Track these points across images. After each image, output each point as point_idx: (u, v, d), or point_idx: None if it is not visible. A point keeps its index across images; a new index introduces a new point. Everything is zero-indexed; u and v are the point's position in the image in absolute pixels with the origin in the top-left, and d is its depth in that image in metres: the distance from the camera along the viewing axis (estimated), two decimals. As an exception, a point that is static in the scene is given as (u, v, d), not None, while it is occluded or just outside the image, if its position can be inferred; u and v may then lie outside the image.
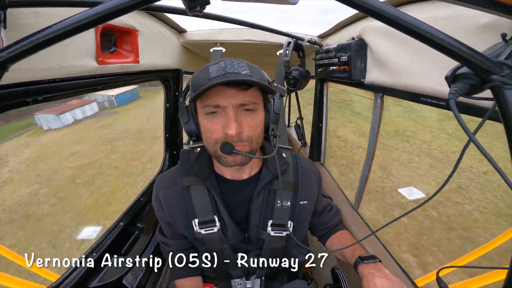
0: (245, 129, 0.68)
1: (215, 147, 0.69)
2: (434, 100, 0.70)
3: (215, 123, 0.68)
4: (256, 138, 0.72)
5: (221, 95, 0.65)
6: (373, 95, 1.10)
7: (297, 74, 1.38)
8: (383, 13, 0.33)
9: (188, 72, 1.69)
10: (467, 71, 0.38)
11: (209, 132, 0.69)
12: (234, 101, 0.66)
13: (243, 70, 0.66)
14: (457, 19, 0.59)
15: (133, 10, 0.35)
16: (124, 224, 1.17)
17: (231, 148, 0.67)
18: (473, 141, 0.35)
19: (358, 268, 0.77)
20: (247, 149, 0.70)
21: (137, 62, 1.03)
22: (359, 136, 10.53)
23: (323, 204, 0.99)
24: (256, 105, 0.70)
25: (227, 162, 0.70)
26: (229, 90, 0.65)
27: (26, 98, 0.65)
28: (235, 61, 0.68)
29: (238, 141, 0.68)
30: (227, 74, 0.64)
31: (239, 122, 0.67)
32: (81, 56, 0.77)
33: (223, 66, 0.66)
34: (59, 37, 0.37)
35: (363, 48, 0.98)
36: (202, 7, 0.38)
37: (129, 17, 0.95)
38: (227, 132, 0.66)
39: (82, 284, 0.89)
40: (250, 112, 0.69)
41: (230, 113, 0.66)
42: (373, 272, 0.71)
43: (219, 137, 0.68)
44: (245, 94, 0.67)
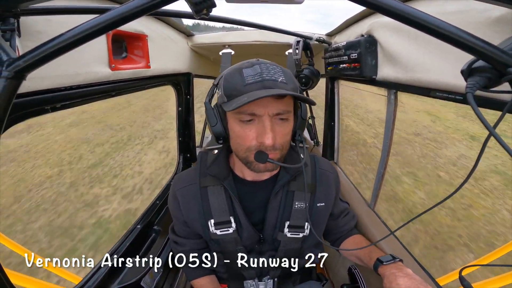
0: (278, 137, 0.68)
1: (247, 153, 0.69)
2: (451, 95, 0.67)
3: (249, 130, 0.67)
4: (286, 145, 0.72)
5: (257, 104, 0.64)
6: (385, 92, 1.07)
7: (308, 72, 1.37)
8: (394, 10, 0.33)
9: (198, 76, 1.71)
10: (483, 64, 0.37)
11: (241, 138, 0.68)
12: (271, 110, 0.65)
13: (279, 77, 0.65)
14: (467, 13, 0.57)
15: (141, 15, 0.36)
16: (141, 227, 1.20)
17: (266, 157, 0.66)
18: (493, 135, 0.34)
19: (378, 270, 0.75)
20: (278, 156, 0.70)
21: (149, 67, 1.05)
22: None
23: (340, 208, 0.97)
24: (289, 114, 0.70)
25: (258, 168, 0.70)
26: (266, 98, 0.63)
27: (45, 106, 0.67)
28: (270, 66, 0.67)
29: (272, 149, 0.67)
30: (264, 81, 0.63)
31: (274, 131, 0.66)
32: (95, 63, 0.79)
33: (259, 71, 0.65)
34: (73, 44, 0.38)
35: (373, 45, 0.96)
36: (208, 10, 0.38)
37: (138, 23, 0.97)
38: (263, 142, 0.65)
39: (103, 286, 0.91)
40: (283, 121, 0.69)
41: (266, 122, 0.65)
42: (395, 272, 0.69)
43: (252, 145, 0.67)
44: (281, 103, 0.66)
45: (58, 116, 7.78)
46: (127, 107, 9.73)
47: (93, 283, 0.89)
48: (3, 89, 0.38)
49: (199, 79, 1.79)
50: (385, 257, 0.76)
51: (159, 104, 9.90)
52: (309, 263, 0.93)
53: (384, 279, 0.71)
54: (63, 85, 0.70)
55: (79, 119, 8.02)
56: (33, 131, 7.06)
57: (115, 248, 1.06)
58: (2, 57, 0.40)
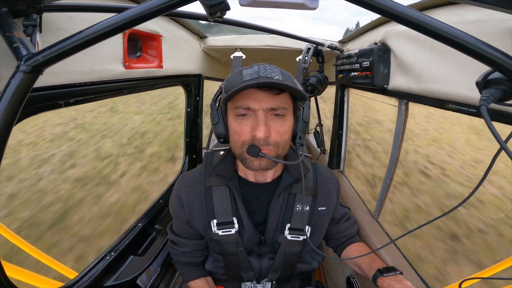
0: (273, 133, 0.68)
1: (242, 149, 0.70)
2: (464, 107, 0.66)
3: (244, 125, 0.69)
4: (283, 144, 0.71)
5: (253, 98, 0.66)
6: (396, 102, 1.06)
7: (314, 81, 1.38)
8: (410, 19, 0.33)
9: (208, 78, 1.72)
10: (500, 76, 0.36)
11: (237, 134, 0.70)
12: (265, 104, 0.67)
13: (276, 75, 0.66)
14: (487, 23, 0.56)
15: (158, 15, 0.37)
16: (142, 225, 1.20)
17: (258, 150, 0.67)
18: (504, 149, 0.33)
19: (377, 281, 0.75)
20: (273, 154, 0.70)
21: (161, 67, 1.06)
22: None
23: (340, 212, 0.97)
24: (286, 111, 0.70)
25: (252, 166, 0.70)
26: (261, 93, 0.66)
27: (59, 100, 0.69)
28: (269, 66, 0.69)
29: (265, 144, 0.68)
30: (260, 78, 0.65)
31: (268, 126, 0.67)
32: (110, 61, 0.81)
33: (256, 70, 0.68)
34: (90, 42, 0.39)
35: (387, 53, 0.95)
36: (222, 13, 0.39)
37: (154, 23, 0.99)
38: (255, 135, 0.66)
39: (99, 283, 0.92)
40: (279, 118, 0.69)
41: (259, 116, 0.67)
42: (394, 284, 0.69)
43: (247, 139, 0.69)
44: (276, 99, 0.67)
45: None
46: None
47: (88, 278, 0.89)
48: (20, 83, 0.39)
49: (210, 81, 1.81)
50: (386, 269, 0.76)
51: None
52: (308, 268, 0.92)
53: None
54: (77, 81, 0.71)
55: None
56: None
57: (114, 245, 1.06)
58: (21, 52, 0.42)
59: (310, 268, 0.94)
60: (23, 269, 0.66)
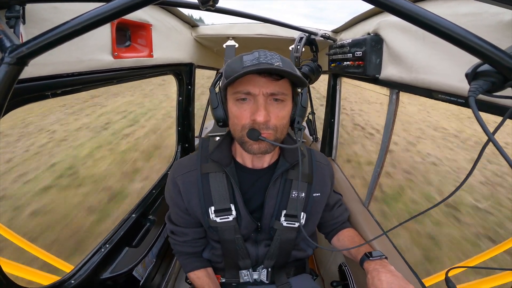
0: (272, 118, 0.70)
1: (242, 133, 0.71)
2: (453, 98, 0.68)
3: (244, 110, 0.70)
4: (282, 128, 0.73)
5: (253, 83, 0.68)
6: (388, 91, 1.07)
7: (307, 70, 1.37)
8: (403, 10, 0.33)
9: (200, 66, 1.69)
10: (489, 68, 0.37)
11: (237, 118, 0.71)
12: (265, 89, 0.68)
13: (276, 62, 0.68)
14: (479, 16, 0.57)
15: (147, 4, 0.36)
16: (136, 216, 1.20)
17: (258, 134, 0.69)
18: (492, 141, 0.34)
19: (364, 265, 0.78)
20: (272, 138, 0.71)
21: (151, 56, 1.04)
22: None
23: (334, 199, 0.99)
24: (285, 96, 0.71)
25: (252, 149, 0.72)
26: (261, 79, 0.67)
27: (45, 91, 0.67)
28: (269, 53, 0.70)
29: (265, 128, 0.69)
30: (260, 64, 0.66)
31: (268, 110, 0.69)
32: (98, 51, 0.79)
33: (257, 56, 0.69)
34: (77, 32, 0.38)
35: (379, 44, 0.95)
36: (214, 2, 0.38)
37: (143, 12, 0.96)
38: (255, 119, 0.68)
39: (95, 275, 0.92)
40: (278, 103, 0.71)
41: (260, 101, 0.68)
42: (378, 268, 0.72)
43: (247, 123, 0.70)
44: (276, 85, 0.69)
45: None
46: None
47: (84, 271, 0.89)
48: (4, 75, 0.38)
49: (202, 69, 1.78)
50: (373, 253, 0.79)
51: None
52: (303, 255, 0.95)
53: (367, 274, 0.74)
54: (65, 72, 0.69)
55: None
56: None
57: (109, 237, 1.06)
58: (5, 44, 0.40)
59: (305, 255, 0.96)
60: (20, 264, 0.65)
